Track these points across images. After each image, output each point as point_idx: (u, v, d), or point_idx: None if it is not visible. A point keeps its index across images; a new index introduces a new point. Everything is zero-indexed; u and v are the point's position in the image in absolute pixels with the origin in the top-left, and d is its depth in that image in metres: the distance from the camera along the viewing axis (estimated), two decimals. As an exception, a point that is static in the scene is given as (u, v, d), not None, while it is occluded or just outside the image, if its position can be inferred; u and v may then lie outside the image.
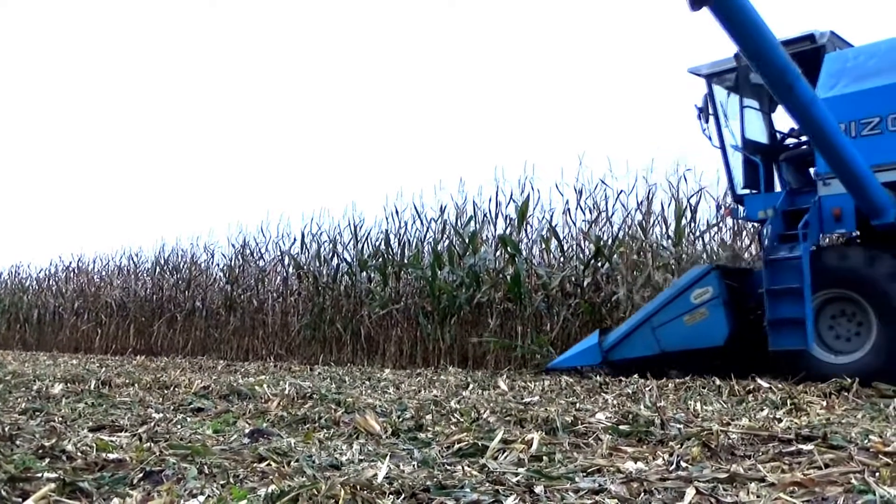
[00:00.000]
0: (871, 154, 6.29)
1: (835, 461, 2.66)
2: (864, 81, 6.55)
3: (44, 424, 4.04)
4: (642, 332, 7.37)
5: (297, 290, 13.66)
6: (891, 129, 6.31)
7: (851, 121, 6.47)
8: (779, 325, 6.43)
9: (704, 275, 7.14)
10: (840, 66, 6.77)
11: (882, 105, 6.37)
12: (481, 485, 2.45)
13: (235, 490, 2.43)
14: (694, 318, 7.06)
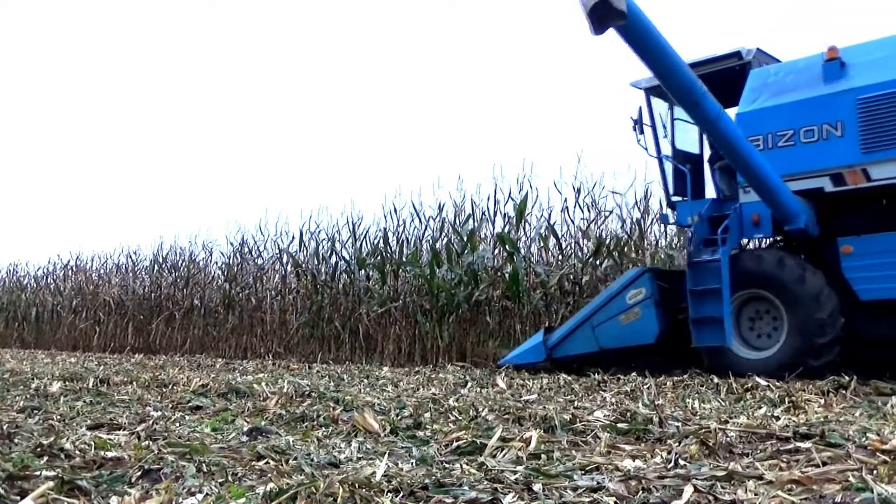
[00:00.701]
0: (786, 164, 6.73)
1: (833, 459, 2.66)
2: (781, 96, 6.95)
3: (42, 423, 4.04)
4: (583, 330, 7.83)
5: (296, 289, 13.66)
6: (803, 141, 6.71)
7: (769, 133, 6.89)
8: (701, 323, 6.87)
9: (638, 277, 7.61)
10: (762, 82, 7.18)
11: (795, 119, 6.76)
12: (480, 483, 2.46)
13: (234, 488, 2.43)
14: (629, 317, 7.52)
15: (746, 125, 6.96)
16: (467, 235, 11.23)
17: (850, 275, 6.53)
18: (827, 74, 6.73)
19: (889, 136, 6.29)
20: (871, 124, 6.37)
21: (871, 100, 6.39)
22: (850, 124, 6.47)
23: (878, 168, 6.35)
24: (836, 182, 6.57)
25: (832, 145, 6.56)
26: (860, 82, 6.52)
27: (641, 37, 5.79)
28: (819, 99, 6.70)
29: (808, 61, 6.99)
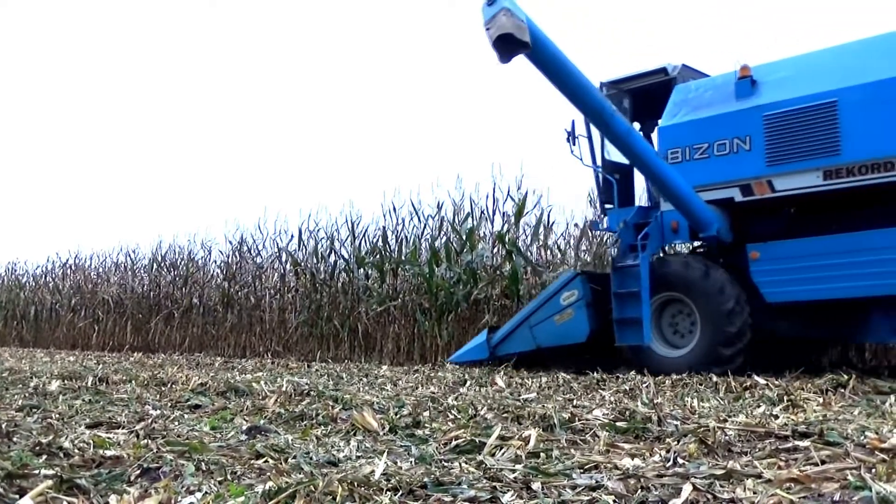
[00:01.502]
0: (701, 175, 7.17)
1: (831, 457, 2.66)
2: (699, 112, 7.35)
3: (41, 421, 4.04)
4: (522, 330, 8.30)
5: (295, 287, 13.65)
6: (716, 154, 7.12)
7: (687, 146, 7.31)
8: (623, 323, 7.36)
9: (571, 279, 8.06)
10: (683, 97, 7.59)
11: (710, 133, 7.17)
12: (478, 481, 2.46)
13: (233, 487, 2.43)
14: (563, 317, 7.95)
15: (667, 138, 7.47)
16: (466, 234, 11.23)
17: (757, 278, 6.91)
18: (739, 92, 7.13)
19: (791, 150, 6.69)
20: (775, 139, 6.76)
21: (775, 116, 6.78)
22: (756, 139, 6.86)
23: (782, 180, 6.76)
24: (745, 192, 6.97)
25: (741, 158, 6.96)
26: (766, 99, 6.90)
27: (548, 63, 6.23)
28: (731, 115, 7.08)
29: (724, 78, 7.38)
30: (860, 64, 6.55)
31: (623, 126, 6.78)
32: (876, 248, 6.31)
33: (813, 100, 6.61)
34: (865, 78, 6.42)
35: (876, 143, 6.28)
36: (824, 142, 6.51)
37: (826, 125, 6.51)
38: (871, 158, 6.29)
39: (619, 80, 8.17)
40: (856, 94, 6.41)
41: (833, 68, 6.72)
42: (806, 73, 6.89)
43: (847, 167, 6.40)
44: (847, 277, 6.44)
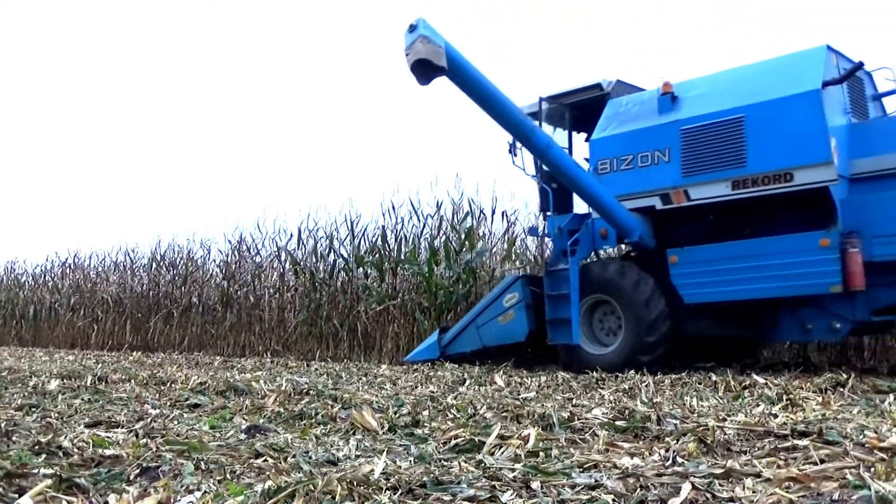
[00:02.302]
0: (627, 185, 7.66)
1: (830, 456, 2.66)
2: (626, 125, 7.82)
3: (40, 420, 4.04)
4: (469, 330, 8.79)
5: (294, 286, 13.64)
6: (640, 165, 7.59)
7: (615, 157, 7.78)
8: (555, 323, 7.82)
9: (513, 282, 8.58)
10: (614, 111, 8.05)
11: (635, 145, 7.63)
12: (478, 480, 2.46)
13: (232, 486, 2.43)
14: (506, 318, 8.45)
15: (598, 150, 7.94)
16: (465, 233, 11.24)
17: (675, 281, 7.38)
18: (661, 107, 7.60)
19: (703, 162, 7.17)
20: (691, 151, 7.25)
21: (690, 130, 7.27)
22: (674, 151, 7.35)
23: (696, 189, 7.24)
24: (665, 201, 7.46)
25: (661, 169, 7.44)
26: (684, 115, 7.39)
27: (467, 84, 6.75)
28: (653, 129, 7.56)
29: (650, 94, 7.86)
30: (764, 83, 7.04)
31: (544, 140, 7.25)
32: (779, 253, 6.76)
33: (723, 115, 7.09)
34: (768, 96, 6.89)
35: (777, 156, 6.74)
36: (732, 154, 6.99)
37: (734, 139, 6.99)
38: (773, 170, 6.76)
39: (558, 95, 8.66)
40: (760, 110, 6.88)
41: (741, 86, 7.21)
42: (718, 90, 7.39)
43: (752, 178, 6.88)
44: (754, 280, 6.89)
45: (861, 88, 7.27)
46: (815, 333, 7.11)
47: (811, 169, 6.57)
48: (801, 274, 6.64)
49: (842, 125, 6.79)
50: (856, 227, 6.51)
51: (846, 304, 6.67)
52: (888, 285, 6.54)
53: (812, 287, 6.63)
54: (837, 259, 6.45)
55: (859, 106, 7.17)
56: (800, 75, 6.82)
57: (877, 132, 6.86)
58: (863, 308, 6.65)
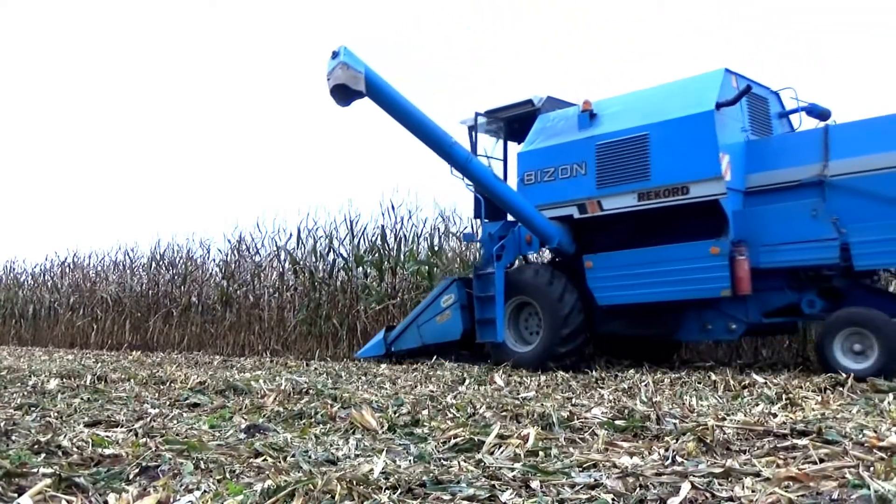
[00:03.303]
0: (549, 195, 8.21)
1: (830, 456, 2.67)
2: (551, 140, 8.37)
3: (39, 420, 4.04)
4: (411, 329, 9.28)
5: (294, 286, 13.63)
6: (560, 177, 8.16)
7: (539, 169, 8.36)
8: (483, 323, 8.41)
9: (450, 284, 9.06)
10: (542, 126, 8.60)
11: (556, 159, 8.21)
12: (477, 480, 2.46)
13: (231, 485, 2.43)
14: (443, 317, 8.95)
15: (524, 162, 8.52)
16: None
17: (591, 284, 7.94)
18: (580, 123, 8.17)
19: (614, 175, 7.75)
20: (604, 165, 7.83)
21: (603, 145, 7.85)
22: (590, 164, 7.93)
23: (608, 200, 7.83)
24: (581, 211, 8.04)
25: (578, 181, 8.02)
26: (599, 131, 7.98)
27: (386, 105, 7.39)
28: (572, 143, 8.11)
29: (573, 111, 8.40)
30: (667, 103, 7.64)
31: (463, 155, 7.83)
32: (678, 259, 7.34)
33: (631, 133, 7.69)
34: (669, 115, 7.49)
35: (675, 171, 7.33)
36: (638, 168, 7.59)
37: (640, 155, 7.60)
38: (672, 183, 7.36)
39: (493, 111, 9.22)
40: (662, 129, 7.49)
41: (648, 106, 7.79)
42: (629, 109, 7.96)
43: (655, 190, 7.48)
44: (657, 284, 7.47)
45: (765, 107, 7.85)
46: (715, 333, 7.62)
47: (704, 183, 7.16)
48: (696, 279, 7.23)
49: (738, 142, 7.37)
50: (746, 237, 7.09)
51: (740, 307, 7.25)
52: (776, 290, 7.14)
53: (706, 291, 7.19)
54: (727, 266, 7.00)
55: (761, 124, 7.73)
56: (697, 97, 7.40)
57: (767, 149, 7.40)
58: (755, 311, 7.24)
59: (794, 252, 6.89)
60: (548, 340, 7.98)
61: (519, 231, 8.68)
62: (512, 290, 8.35)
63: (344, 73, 7.01)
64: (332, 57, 7.15)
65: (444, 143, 7.69)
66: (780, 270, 7.03)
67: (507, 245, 8.61)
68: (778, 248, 6.97)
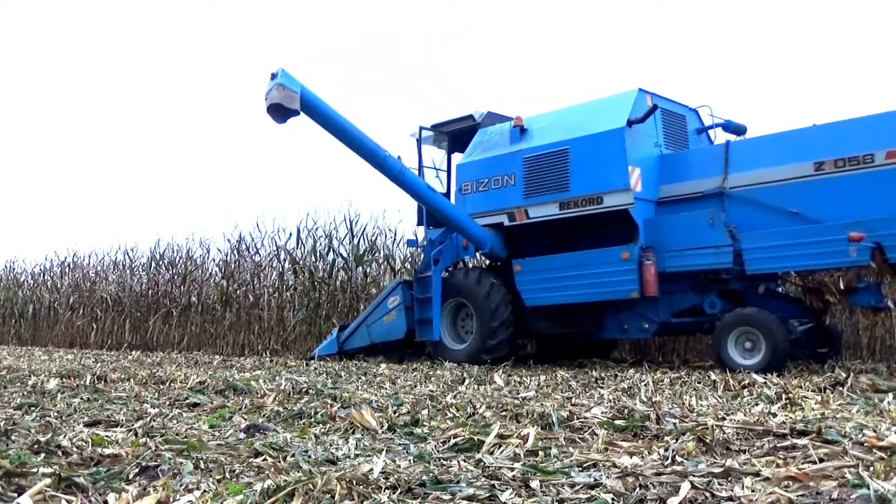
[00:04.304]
0: (483, 204, 8.92)
1: (829, 455, 2.66)
2: (486, 153, 9.08)
3: (39, 419, 4.04)
4: (361, 328, 9.93)
5: (293, 286, 13.64)
6: (493, 187, 8.85)
7: (475, 180, 9.06)
8: (422, 322, 9.13)
9: (396, 286, 9.70)
10: (480, 140, 9.31)
11: (490, 170, 8.91)
12: (477, 479, 2.46)
13: (231, 485, 2.43)
14: (389, 318, 9.58)
15: (462, 173, 9.24)
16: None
17: (519, 287, 8.60)
18: (512, 138, 8.84)
19: (539, 186, 8.42)
20: (530, 177, 8.50)
21: (530, 158, 8.53)
22: (518, 176, 8.61)
23: (534, 209, 8.48)
24: (510, 219, 8.71)
25: (508, 191, 8.69)
26: (526, 145, 8.65)
27: (322, 122, 8.08)
28: (503, 156, 8.80)
29: (507, 126, 9.03)
30: (585, 120, 8.30)
31: (396, 167, 8.50)
32: (594, 264, 7.97)
33: (554, 147, 8.38)
34: (586, 131, 8.16)
35: (591, 183, 8.00)
36: (559, 180, 8.26)
37: (561, 167, 8.27)
38: (588, 194, 8.02)
39: (437, 125, 9.91)
40: (579, 143, 8.16)
41: (570, 123, 8.43)
42: (554, 125, 8.61)
43: (574, 200, 8.14)
44: (577, 287, 8.10)
45: (681, 124, 8.54)
46: (631, 332, 8.21)
47: (615, 194, 7.82)
48: (609, 282, 7.86)
49: (651, 156, 8.03)
50: (654, 243, 7.70)
51: (651, 308, 7.88)
52: (682, 292, 7.76)
53: (617, 293, 7.83)
54: (636, 270, 7.63)
55: (677, 139, 8.40)
56: (611, 115, 8.03)
57: (677, 163, 8.03)
58: (664, 311, 7.88)
59: (694, 257, 7.50)
60: (479, 339, 8.68)
61: (456, 237, 9.31)
62: (449, 292, 9.07)
63: (280, 94, 7.61)
64: (270, 78, 7.74)
65: (378, 157, 8.34)
66: (684, 274, 7.62)
67: (445, 250, 9.32)
68: (681, 254, 7.57)
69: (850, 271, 6.85)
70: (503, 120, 9.31)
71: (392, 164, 8.44)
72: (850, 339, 8.89)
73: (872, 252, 6.52)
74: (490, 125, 9.35)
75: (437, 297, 8.99)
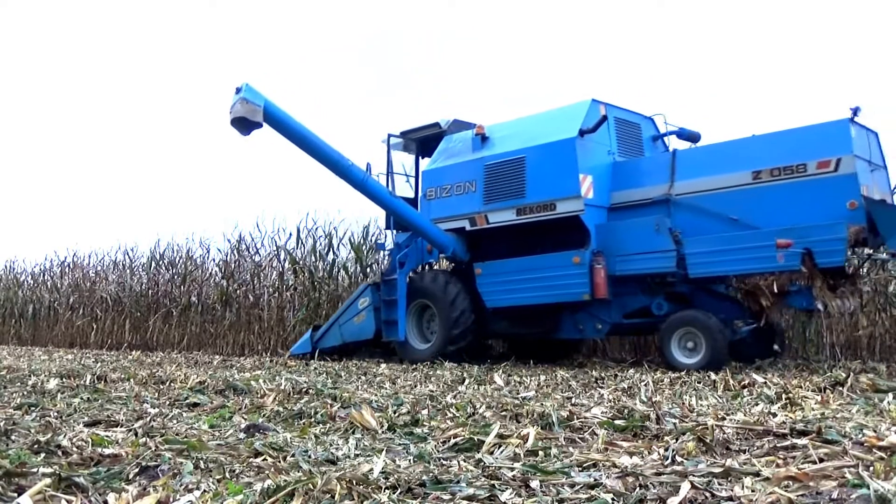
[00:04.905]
0: (446, 209, 9.24)
1: (829, 455, 2.66)
2: (450, 160, 9.40)
3: (39, 419, 4.04)
4: (333, 328, 10.32)
5: (293, 286, 13.64)
6: (456, 193, 9.17)
7: (439, 186, 9.38)
8: (388, 323, 9.52)
9: (366, 288, 10.09)
10: (445, 147, 9.62)
11: (453, 177, 9.24)
12: (477, 479, 2.46)
13: (231, 485, 2.43)
14: (359, 318, 9.97)
15: (427, 180, 9.57)
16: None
17: (480, 289, 8.94)
18: (474, 146, 9.16)
19: (499, 192, 8.75)
20: (490, 183, 8.84)
21: (490, 165, 8.87)
22: (479, 183, 8.94)
23: (493, 214, 8.83)
24: (472, 223, 9.03)
25: (470, 197, 9.02)
26: (487, 153, 8.99)
27: (285, 133, 8.41)
28: (466, 163, 9.13)
29: (470, 134, 9.32)
30: (541, 130, 8.61)
31: (359, 175, 8.84)
32: (548, 267, 8.31)
33: (512, 155, 8.71)
34: (541, 141, 8.49)
35: (545, 190, 8.33)
36: (517, 187, 8.59)
37: (518, 175, 8.59)
38: (543, 200, 8.35)
39: (405, 132, 10.26)
40: (535, 152, 8.49)
41: (527, 132, 8.76)
42: (513, 134, 8.93)
43: (530, 206, 8.47)
44: (534, 289, 8.43)
45: (636, 132, 8.84)
46: (586, 332, 8.57)
47: (567, 201, 8.16)
48: (562, 285, 8.19)
49: (604, 164, 8.35)
50: (605, 248, 8.03)
51: (604, 310, 8.22)
52: (631, 294, 8.10)
53: (570, 295, 8.17)
54: (587, 273, 7.98)
55: (632, 147, 8.69)
56: (563, 125, 8.33)
57: (629, 170, 8.33)
58: (616, 312, 8.21)
59: (641, 261, 7.85)
60: (442, 339, 9.04)
61: (421, 241, 9.66)
62: (414, 294, 9.43)
63: (243, 107, 7.96)
64: (235, 92, 8.07)
65: (341, 166, 8.65)
66: (633, 277, 7.95)
67: (410, 254, 9.70)
68: (629, 258, 7.91)
69: (782, 275, 7.09)
70: (469, 127, 9.58)
71: (355, 173, 8.78)
72: (850, 340, 8.91)
73: (803, 257, 6.84)
74: (456, 132, 9.64)
75: (403, 299, 9.36)
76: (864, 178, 6.95)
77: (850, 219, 6.75)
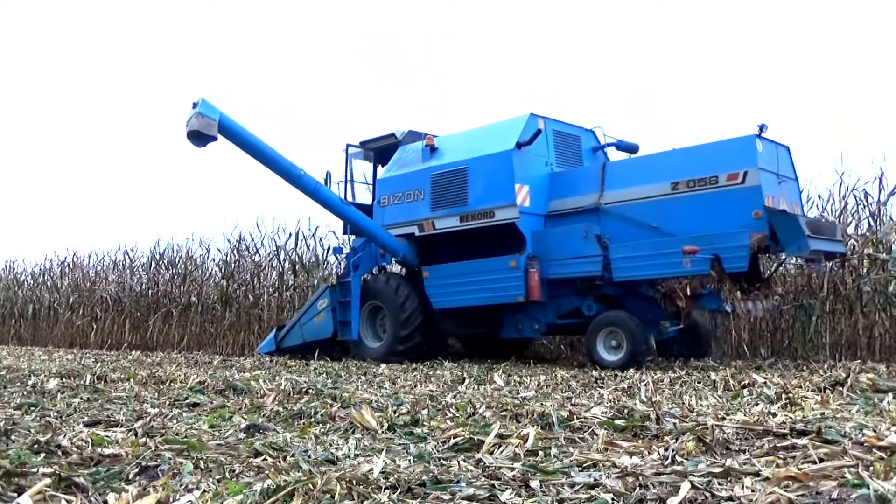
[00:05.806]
0: (397, 216, 9.79)
1: (829, 455, 2.66)
2: (402, 169, 9.95)
3: (39, 419, 4.04)
4: (295, 329, 10.84)
5: (293, 286, 13.65)
6: (406, 201, 9.72)
7: (391, 194, 9.93)
8: (343, 323, 10.12)
9: (325, 290, 10.62)
10: (399, 157, 10.21)
11: (403, 185, 9.79)
12: (477, 479, 2.46)
13: (231, 485, 2.43)
14: (319, 319, 10.46)
15: (381, 187, 10.14)
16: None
17: (427, 291, 9.46)
18: (423, 156, 9.71)
19: (443, 200, 9.31)
20: (436, 191, 9.38)
21: (436, 175, 9.41)
22: (427, 191, 9.48)
23: (439, 221, 9.36)
24: (420, 230, 9.58)
25: (418, 205, 9.57)
26: (434, 163, 9.53)
27: (240, 145, 9.05)
28: (415, 173, 9.68)
29: (417, 146, 9.89)
30: (483, 142, 9.17)
31: (311, 184, 9.39)
32: (488, 271, 8.86)
33: (456, 165, 9.27)
34: (481, 152, 9.06)
35: (485, 198, 8.89)
36: (460, 195, 9.14)
37: (461, 184, 9.15)
38: (482, 208, 8.91)
39: (364, 142, 10.82)
40: (476, 163, 9.06)
41: (470, 144, 9.32)
42: (458, 145, 9.50)
43: (471, 214, 9.02)
44: (475, 291, 8.99)
45: (576, 143, 9.39)
46: (525, 332, 9.08)
47: (503, 209, 8.69)
48: (500, 287, 8.72)
49: (542, 174, 8.88)
50: (539, 253, 8.58)
51: (540, 311, 8.80)
52: (564, 296, 8.67)
53: (507, 297, 8.71)
54: (522, 276, 8.52)
55: (571, 158, 9.24)
56: (502, 138, 8.88)
57: (565, 180, 8.85)
58: (551, 313, 8.78)
59: (571, 266, 8.40)
60: (392, 338, 9.58)
61: (375, 246, 10.19)
62: (367, 295, 9.99)
63: (198, 122, 8.43)
64: (192, 106, 8.59)
65: (294, 175, 9.20)
66: (565, 281, 8.51)
67: (364, 257, 10.27)
68: (561, 263, 8.46)
69: (694, 279, 7.59)
70: (422, 138, 10.04)
71: (307, 182, 9.30)
72: (850, 340, 8.92)
73: (712, 262, 7.37)
74: (410, 143, 10.16)
75: (356, 300, 9.93)
76: (770, 190, 7.48)
77: (753, 227, 7.28)
